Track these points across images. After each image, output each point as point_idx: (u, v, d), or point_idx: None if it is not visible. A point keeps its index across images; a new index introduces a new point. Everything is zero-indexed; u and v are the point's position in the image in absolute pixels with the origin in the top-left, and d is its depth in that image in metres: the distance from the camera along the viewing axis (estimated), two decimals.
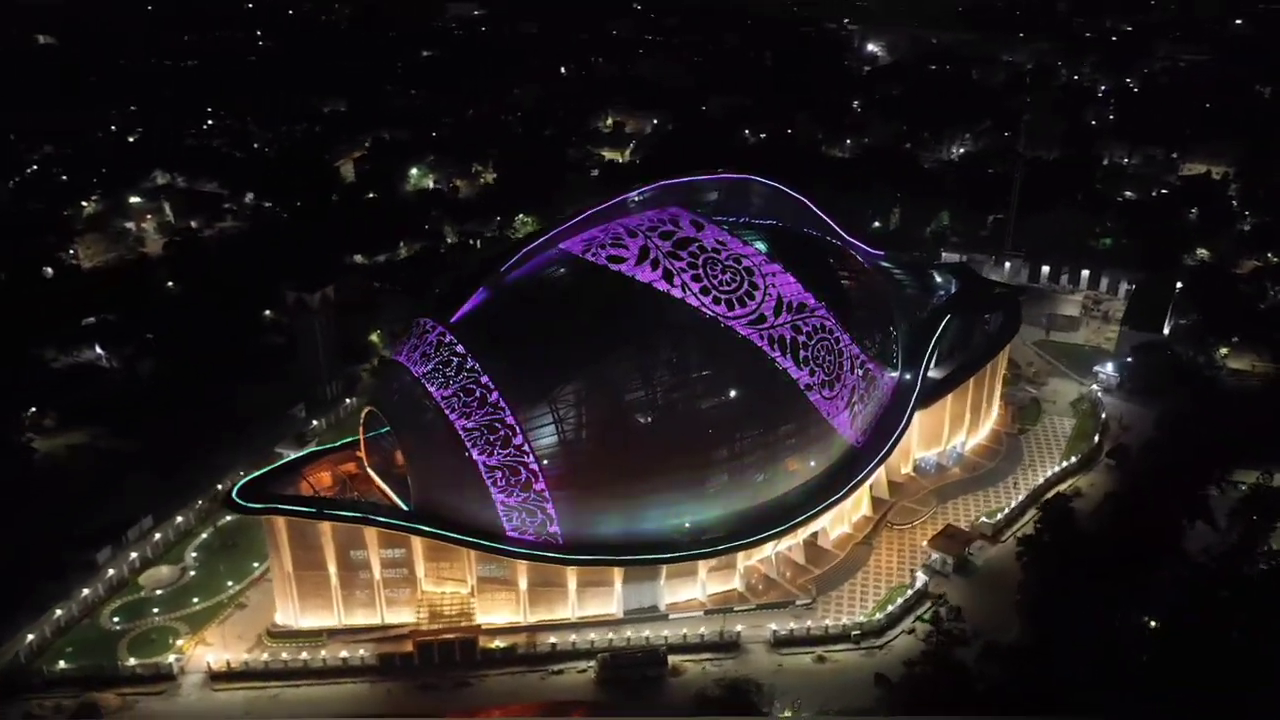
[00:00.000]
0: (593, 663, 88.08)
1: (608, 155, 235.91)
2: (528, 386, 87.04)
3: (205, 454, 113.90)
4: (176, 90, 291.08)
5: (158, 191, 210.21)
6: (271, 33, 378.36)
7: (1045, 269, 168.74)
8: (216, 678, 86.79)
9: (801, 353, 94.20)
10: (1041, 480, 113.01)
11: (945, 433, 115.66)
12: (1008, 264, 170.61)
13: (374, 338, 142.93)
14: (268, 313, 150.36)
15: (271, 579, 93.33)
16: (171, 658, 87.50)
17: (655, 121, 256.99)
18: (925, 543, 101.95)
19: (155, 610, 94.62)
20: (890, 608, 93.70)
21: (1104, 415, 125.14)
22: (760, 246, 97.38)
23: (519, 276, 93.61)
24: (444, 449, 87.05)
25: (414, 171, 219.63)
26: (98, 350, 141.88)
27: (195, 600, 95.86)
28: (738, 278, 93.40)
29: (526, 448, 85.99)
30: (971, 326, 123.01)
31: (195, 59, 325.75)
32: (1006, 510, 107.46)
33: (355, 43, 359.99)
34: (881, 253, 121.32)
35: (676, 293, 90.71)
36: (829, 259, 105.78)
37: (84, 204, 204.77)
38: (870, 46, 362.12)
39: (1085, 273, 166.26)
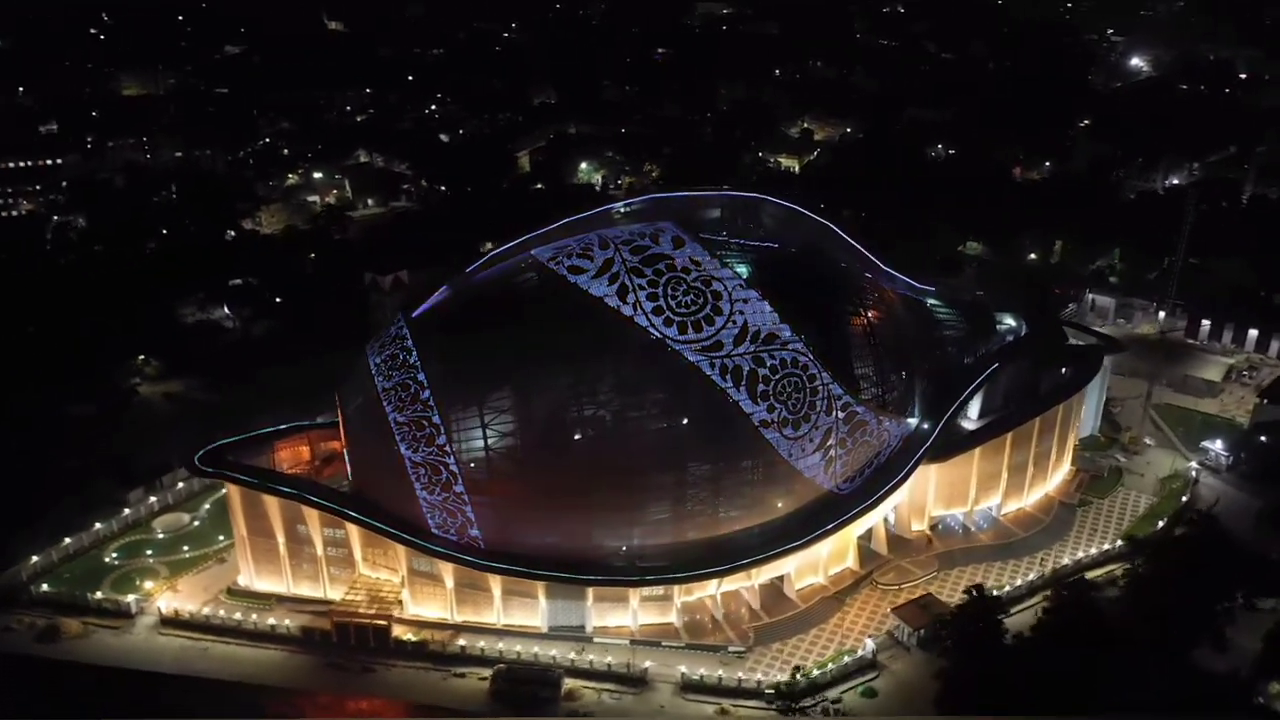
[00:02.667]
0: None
1: (785, 162, 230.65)
2: (458, 388, 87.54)
3: (258, 415, 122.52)
4: (417, 76, 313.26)
5: (357, 169, 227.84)
6: (527, 26, 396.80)
7: (1206, 323, 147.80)
8: (165, 623, 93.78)
9: (760, 386, 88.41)
10: (1069, 561, 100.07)
11: (972, 492, 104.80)
12: (1162, 313, 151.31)
13: None
14: None
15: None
16: (131, 598, 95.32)
17: (848, 130, 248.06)
18: (891, 609, 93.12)
19: (149, 552, 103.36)
20: (816, 672, 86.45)
21: (1185, 498, 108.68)
22: (741, 271, 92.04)
23: (483, 278, 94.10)
24: (376, 439, 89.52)
25: (583, 166, 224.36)
26: (225, 310, 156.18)
27: (186, 549, 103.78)
28: (700, 300, 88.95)
29: (448, 448, 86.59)
30: (1036, 377, 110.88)
31: (442, 48, 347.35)
32: (1009, 588, 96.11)
33: (600, 38, 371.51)
34: (931, 288, 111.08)
35: (627, 310, 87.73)
36: (831, 291, 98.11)
37: (290, 176, 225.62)
38: (1134, 60, 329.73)
39: (1253, 332, 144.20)
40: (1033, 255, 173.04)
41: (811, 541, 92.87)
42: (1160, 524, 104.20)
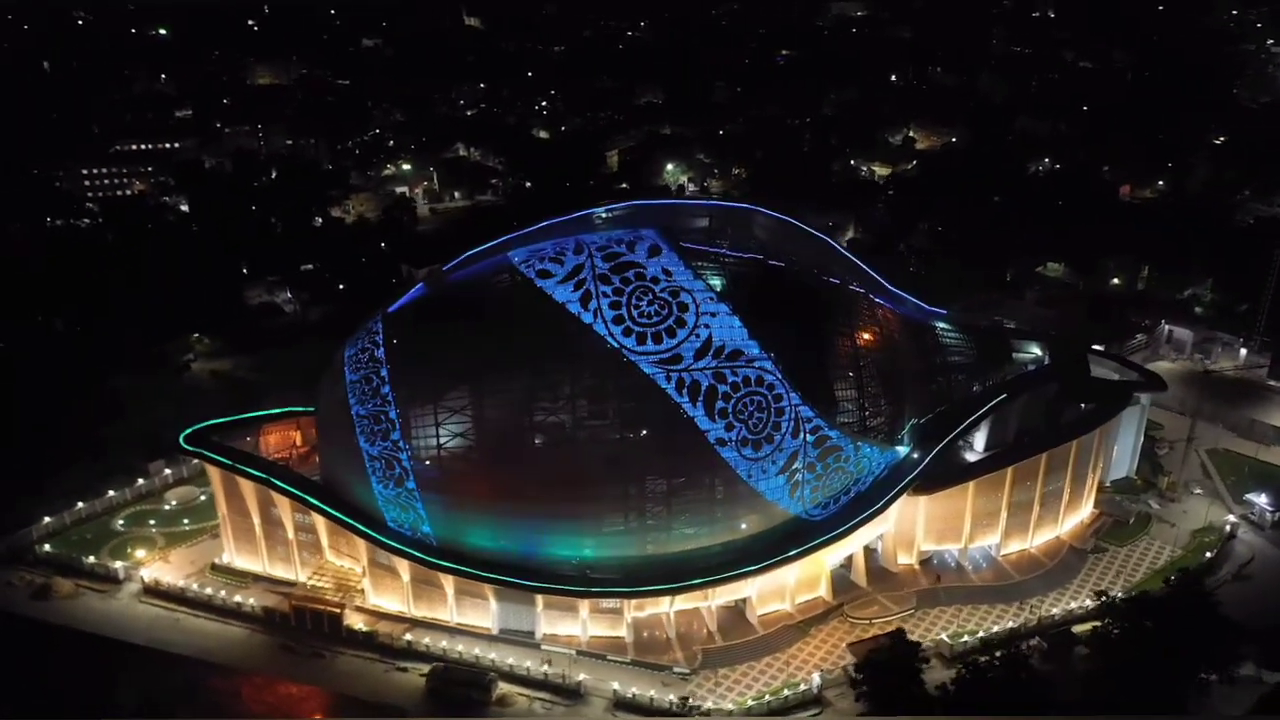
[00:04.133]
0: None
1: (878, 170, 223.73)
2: (415, 386, 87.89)
3: (289, 397, 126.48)
4: (535, 72, 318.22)
5: (451, 162, 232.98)
6: (656, 25, 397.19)
7: None
8: (147, 591, 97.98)
9: (719, 403, 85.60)
10: (1059, 611, 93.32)
11: (966, 528, 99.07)
12: (1243, 350, 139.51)
13: None
14: None
15: None
16: (119, 564, 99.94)
17: (953, 139, 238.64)
18: (847, 645, 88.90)
19: (153, 522, 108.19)
20: (752, 703, 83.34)
21: (1209, 554, 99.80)
22: (715, 283, 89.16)
23: (458, 278, 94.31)
24: (340, 430, 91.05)
25: (670, 167, 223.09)
26: (288, 294, 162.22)
27: (185, 521, 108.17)
28: (665, 311, 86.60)
29: (402, 444, 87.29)
30: (1055, 412, 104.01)
31: (563, 45, 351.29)
32: (981, 634, 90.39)
33: (726, 38, 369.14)
34: (943, 311, 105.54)
35: (587, 317, 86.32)
36: (814, 308, 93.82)
37: (388, 167, 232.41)
38: None
39: None
40: (1116, 280, 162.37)
41: (770, 567, 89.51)
42: (1171, 579, 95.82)
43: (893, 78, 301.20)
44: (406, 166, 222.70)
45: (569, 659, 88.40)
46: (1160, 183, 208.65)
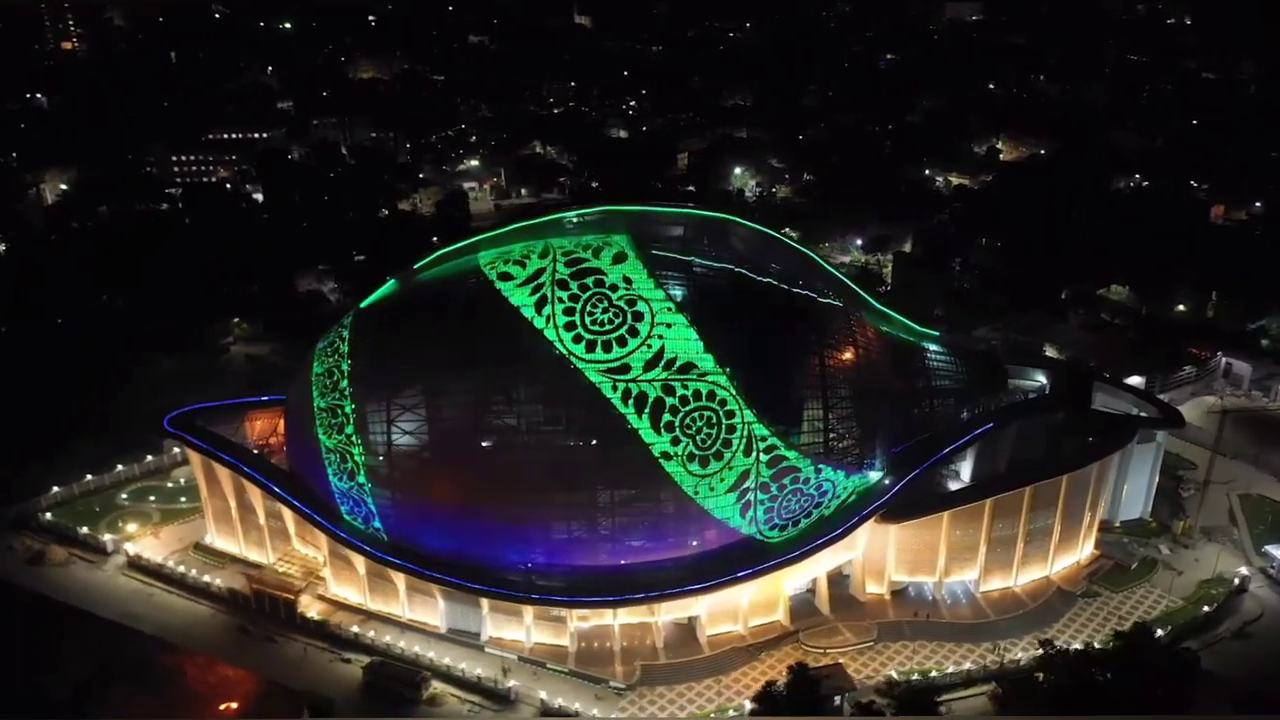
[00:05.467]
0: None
1: (955, 180, 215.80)
2: (371, 382, 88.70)
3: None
4: (630, 71, 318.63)
5: (524, 159, 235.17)
6: (761, 26, 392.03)
7: None
8: (130, 565, 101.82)
9: (666, 416, 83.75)
10: (1021, 657, 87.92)
11: (940, 561, 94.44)
12: None
13: None
14: None
15: None
16: (108, 536, 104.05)
17: (1041, 151, 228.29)
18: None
19: (153, 498, 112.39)
20: None
21: (1208, 608, 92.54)
22: (676, 293, 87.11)
23: (426, 277, 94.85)
24: (303, 421, 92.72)
25: (737, 171, 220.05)
26: (333, 283, 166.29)
27: (183, 500, 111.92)
28: (619, 319, 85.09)
29: (355, 438, 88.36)
30: (1054, 444, 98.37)
31: (661, 45, 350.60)
32: (935, 674, 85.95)
33: (831, 40, 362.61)
34: (935, 333, 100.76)
35: (539, 322, 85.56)
36: (781, 323, 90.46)
37: (464, 162, 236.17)
38: None
39: None
40: (1181, 306, 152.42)
41: (715, 587, 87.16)
42: (1165, 630, 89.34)
43: (990, 85, 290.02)
44: (474, 162, 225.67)
45: (508, 663, 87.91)
46: (1258, 204, 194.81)
